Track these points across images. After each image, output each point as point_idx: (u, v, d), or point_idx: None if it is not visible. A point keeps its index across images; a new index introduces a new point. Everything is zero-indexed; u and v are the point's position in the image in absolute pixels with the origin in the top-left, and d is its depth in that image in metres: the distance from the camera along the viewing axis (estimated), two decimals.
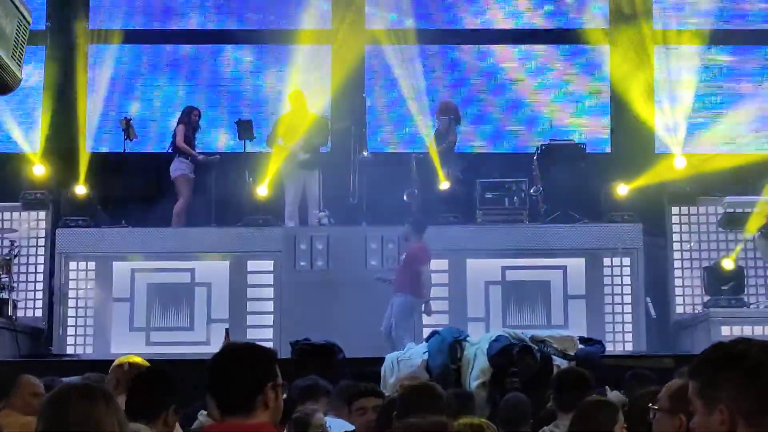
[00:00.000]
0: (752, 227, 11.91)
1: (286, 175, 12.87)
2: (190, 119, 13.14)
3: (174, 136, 13.11)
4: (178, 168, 12.96)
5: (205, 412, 5.65)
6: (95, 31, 14.44)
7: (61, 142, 13.61)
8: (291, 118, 13.18)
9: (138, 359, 5.83)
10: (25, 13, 4.98)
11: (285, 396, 4.33)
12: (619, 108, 13.90)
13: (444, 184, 12.61)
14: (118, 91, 14.38)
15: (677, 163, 12.95)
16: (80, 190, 12.78)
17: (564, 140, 13.44)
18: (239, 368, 3.38)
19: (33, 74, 13.79)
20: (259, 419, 3.34)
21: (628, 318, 12.20)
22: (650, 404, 3.63)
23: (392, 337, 10.84)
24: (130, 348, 11.69)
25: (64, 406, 2.95)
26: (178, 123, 13.17)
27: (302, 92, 13.35)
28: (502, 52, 14.52)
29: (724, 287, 11.83)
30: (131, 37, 14.54)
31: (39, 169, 12.97)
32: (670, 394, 3.53)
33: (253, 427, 3.33)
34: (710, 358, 2.43)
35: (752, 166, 12.76)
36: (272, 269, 12.26)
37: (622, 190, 12.65)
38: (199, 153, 13.09)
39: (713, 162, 12.94)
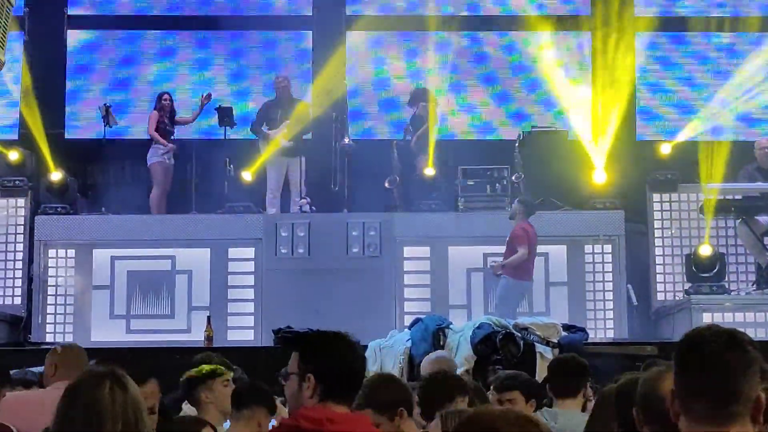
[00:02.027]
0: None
1: (269, 161, 12.81)
2: (162, 105, 13.04)
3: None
4: (154, 155, 12.85)
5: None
6: (74, 16, 14.32)
7: (40, 129, 13.48)
8: (275, 105, 13.12)
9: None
10: None
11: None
12: (601, 94, 13.86)
13: (429, 170, 12.57)
14: (97, 77, 14.29)
15: (663, 149, 12.91)
16: (55, 176, 12.67)
17: (546, 127, 13.42)
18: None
19: (10, 60, 13.63)
20: None
21: (610, 305, 12.18)
22: None
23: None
24: (110, 336, 11.63)
25: (73, 392, 2.94)
26: (154, 110, 13.06)
27: (287, 78, 13.31)
28: (489, 38, 14.49)
29: (705, 274, 11.83)
30: (110, 22, 14.43)
31: (15, 156, 12.84)
32: None
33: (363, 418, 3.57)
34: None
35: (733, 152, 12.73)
36: (253, 256, 12.19)
37: (600, 177, 12.62)
38: (170, 142, 12.92)
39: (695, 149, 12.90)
